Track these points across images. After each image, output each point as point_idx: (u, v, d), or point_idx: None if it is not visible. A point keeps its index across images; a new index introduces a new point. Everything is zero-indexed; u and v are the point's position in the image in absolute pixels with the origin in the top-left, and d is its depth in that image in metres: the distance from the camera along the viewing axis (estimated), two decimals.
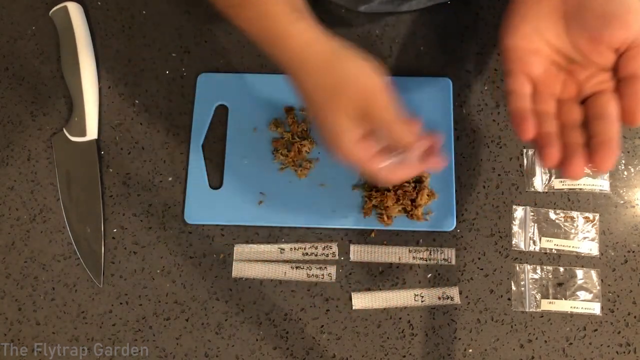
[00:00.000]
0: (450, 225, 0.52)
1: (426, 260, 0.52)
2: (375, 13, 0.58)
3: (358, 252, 0.52)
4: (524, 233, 0.53)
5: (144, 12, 0.59)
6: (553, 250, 0.52)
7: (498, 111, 0.55)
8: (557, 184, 0.53)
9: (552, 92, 0.42)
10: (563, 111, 0.41)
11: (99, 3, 0.60)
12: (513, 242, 0.52)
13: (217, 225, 0.54)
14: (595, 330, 0.50)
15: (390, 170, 0.44)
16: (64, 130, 0.56)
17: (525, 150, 0.54)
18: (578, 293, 0.51)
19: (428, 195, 0.52)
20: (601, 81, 0.40)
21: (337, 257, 0.53)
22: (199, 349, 0.51)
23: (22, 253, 0.53)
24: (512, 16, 0.42)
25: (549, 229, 0.53)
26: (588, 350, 0.50)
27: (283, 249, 0.53)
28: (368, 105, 0.42)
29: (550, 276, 0.51)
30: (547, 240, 0.52)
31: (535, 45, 0.42)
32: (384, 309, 0.51)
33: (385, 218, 0.51)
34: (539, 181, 0.54)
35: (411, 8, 0.57)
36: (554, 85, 0.42)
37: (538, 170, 0.54)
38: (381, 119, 0.43)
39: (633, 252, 0.52)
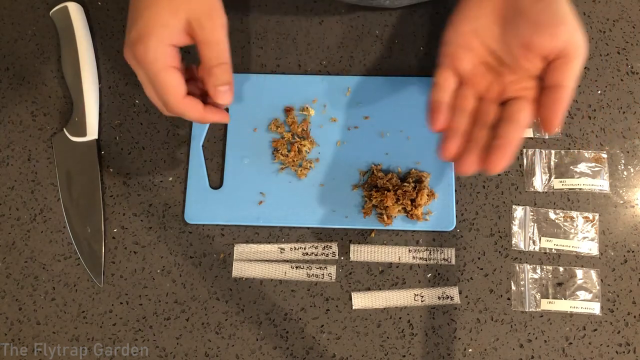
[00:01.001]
0: (450, 225, 0.52)
1: (426, 260, 0.52)
2: (358, 5, 0.58)
3: (358, 252, 0.53)
4: (524, 233, 0.53)
5: None
6: (553, 250, 0.52)
7: None
8: (557, 184, 0.54)
9: (476, 90, 0.44)
10: (481, 109, 0.43)
11: (99, 3, 0.60)
12: (513, 242, 0.52)
13: (217, 225, 0.54)
14: (595, 330, 0.51)
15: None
16: (64, 130, 0.56)
17: (525, 150, 0.54)
18: (578, 293, 0.51)
19: (428, 195, 0.52)
20: (525, 87, 0.42)
21: (337, 257, 0.53)
22: (199, 348, 0.51)
23: (23, 253, 0.54)
24: (455, 14, 0.45)
25: (548, 228, 0.53)
26: (588, 350, 0.50)
27: (283, 249, 0.53)
28: (189, 25, 0.43)
29: (550, 276, 0.52)
30: (547, 240, 0.52)
31: (470, 44, 0.44)
32: (384, 308, 0.51)
33: (385, 218, 0.51)
34: (539, 181, 0.54)
35: (393, 5, 0.57)
36: (479, 84, 0.44)
37: (538, 170, 0.54)
38: (205, 42, 0.43)
39: (633, 252, 0.52)
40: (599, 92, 0.56)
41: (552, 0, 0.41)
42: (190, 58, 0.58)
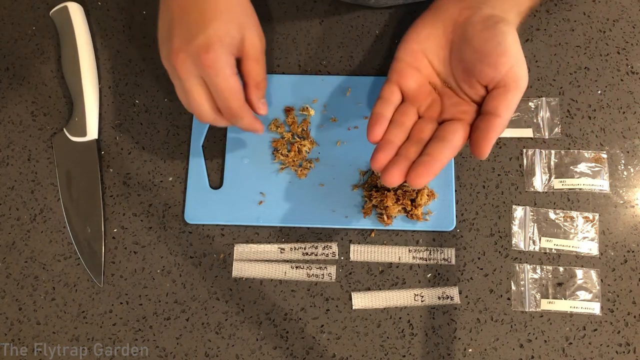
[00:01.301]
0: (450, 225, 0.52)
1: (426, 260, 0.52)
2: (359, 5, 0.58)
3: (358, 252, 0.53)
4: (524, 233, 0.53)
5: (144, 12, 0.60)
6: (553, 250, 0.52)
7: None
8: (557, 184, 0.54)
9: (418, 107, 0.46)
10: (418, 126, 0.45)
11: (99, 3, 0.60)
12: (513, 242, 0.52)
13: (217, 225, 0.54)
14: (595, 330, 0.51)
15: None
16: (64, 130, 0.56)
17: (525, 150, 0.54)
18: (578, 293, 0.51)
19: (428, 195, 0.52)
20: (463, 111, 0.44)
21: (337, 257, 0.53)
22: (199, 348, 0.51)
23: (23, 253, 0.54)
24: (409, 33, 0.47)
25: (548, 228, 0.53)
26: (588, 350, 0.50)
27: (283, 249, 0.53)
28: (243, 41, 0.45)
29: (550, 276, 0.52)
30: (547, 240, 0.52)
31: (418, 63, 0.46)
32: (384, 308, 0.51)
33: (385, 218, 0.51)
34: (539, 181, 0.54)
35: (387, 4, 0.57)
36: (422, 101, 0.46)
37: (538, 170, 0.54)
38: (255, 59, 0.46)
39: (633, 252, 0.52)
40: (599, 92, 0.56)
41: (499, 31, 0.42)
42: None
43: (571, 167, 0.54)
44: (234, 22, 0.44)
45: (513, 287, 0.51)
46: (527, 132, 0.55)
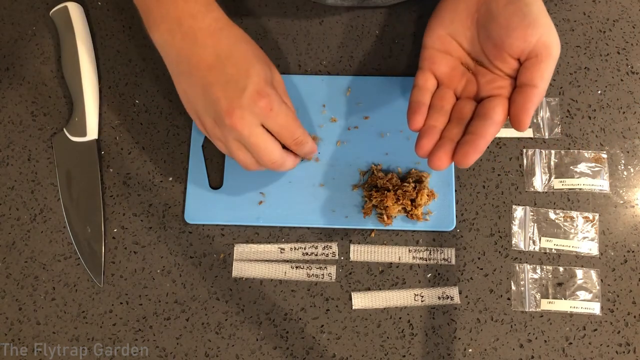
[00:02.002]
0: (450, 225, 0.52)
1: (426, 260, 0.52)
2: (358, 6, 0.58)
3: (358, 252, 0.53)
4: (524, 233, 0.53)
5: None
6: (553, 250, 0.52)
7: None
8: (557, 184, 0.54)
9: (454, 89, 0.46)
10: (457, 107, 0.45)
11: (99, 3, 0.60)
12: (513, 242, 0.52)
13: (217, 225, 0.54)
14: (595, 330, 0.51)
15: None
16: (64, 130, 0.56)
17: (525, 150, 0.54)
18: (578, 293, 0.51)
19: (428, 196, 0.52)
20: (500, 86, 0.44)
21: (337, 257, 0.53)
22: (199, 348, 0.51)
23: (23, 253, 0.54)
24: (433, 19, 0.48)
25: (548, 228, 0.53)
26: (588, 350, 0.50)
27: (283, 249, 0.53)
28: (273, 77, 0.46)
29: (550, 276, 0.52)
30: (547, 240, 0.52)
31: (447, 47, 0.47)
32: (384, 308, 0.51)
33: (385, 218, 0.51)
34: (539, 181, 0.54)
35: (376, 4, 0.57)
36: (457, 83, 0.46)
37: (538, 170, 0.54)
38: (284, 92, 0.48)
39: (633, 252, 0.52)
40: (599, 92, 0.56)
41: (524, 3, 0.42)
42: None
43: (571, 167, 0.54)
44: (264, 63, 0.46)
45: (513, 287, 0.51)
46: (527, 132, 0.55)
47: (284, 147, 0.47)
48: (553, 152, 0.54)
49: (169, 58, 0.46)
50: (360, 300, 0.52)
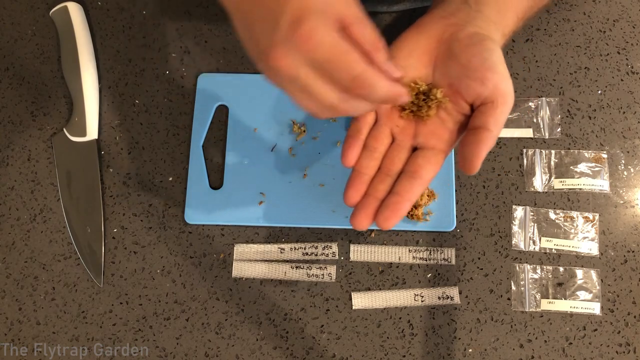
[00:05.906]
0: (450, 225, 0.52)
1: (426, 260, 0.52)
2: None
3: (358, 252, 0.53)
4: (524, 233, 0.53)
5: (144, 12, 0.60)
6: (553, 250, 0.52)
7: None
8: (557, 184, 0.54)
9: (391, 127, 0.44)
10: (390, 154, 0.44)
11: (99, 3, 0.60)
12: (513, 242, 0.52)
13: (217, 225, 0.54)
14: (595, 330, 0.51)
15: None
16: (64, 130, 0.56)
17: (525, 150, 0.54)
18: (578, 293, 0.51)
19: (428, 196, 0.52)
20: (438, 135, 0.43)
21: (337, 257, 0.53)
22: (199, 348, 0.51)
23: (23, 253, 0.54)
24: (391, 49, 0.45)
25: (548, 228, 0.53)
26: (588, 350, 0.50)
27: (283, 249, 0.53)
28: (334, 5, 0.35)
29: (550, 276, 0.52)
30: (547, 240, 0.52)
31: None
32: (384, 308, 0.51)
33: None
34: (539, 181, 0.54)
35: (375, 9, 0.57)
36: (395, 121, 0.44)
37: (538, 170, 0.54)
38: (358, 21, 0.35)
39: (633, 252, 0.52)
40: (599, 92, 0.56)
41: (485, 47, 0.41)
42: (190, 57, 0.58)
43: (571, 167, 0.54)
44: None
45: (513, 287, 0.51)
46: (527, 132, 0.55)
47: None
48: (553, 152, 0.54)
49: (230, 6, 0.38)
50: (360, 300, 0.52)
